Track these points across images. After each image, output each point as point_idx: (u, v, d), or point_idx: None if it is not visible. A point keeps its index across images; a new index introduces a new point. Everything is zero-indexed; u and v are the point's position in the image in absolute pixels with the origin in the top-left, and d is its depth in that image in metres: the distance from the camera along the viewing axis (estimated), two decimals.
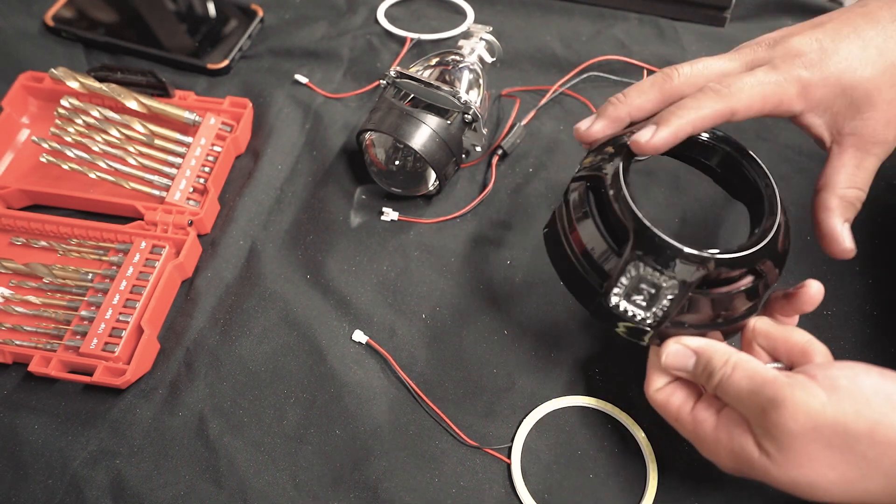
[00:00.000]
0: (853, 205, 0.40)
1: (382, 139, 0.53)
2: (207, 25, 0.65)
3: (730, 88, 0.38)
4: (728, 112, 0.38)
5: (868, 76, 0.38)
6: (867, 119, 0.39)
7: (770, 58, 0.39)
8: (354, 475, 0.42)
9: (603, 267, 0.37)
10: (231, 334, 0.47)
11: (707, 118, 0.38)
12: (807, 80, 0.38)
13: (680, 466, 0.42)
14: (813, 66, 0.38)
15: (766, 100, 0.38)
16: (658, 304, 0.36)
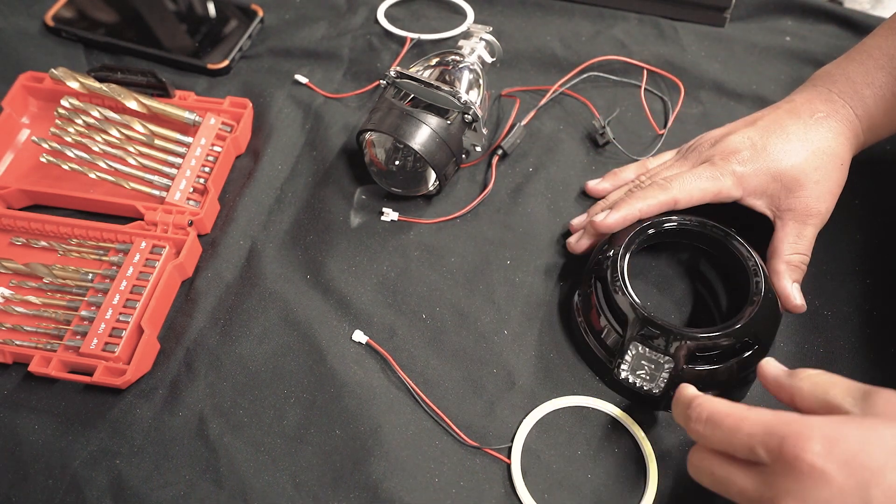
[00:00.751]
0: (798, 268, 0.46)
1: (382, 139, 0.53)
2: (207, 25, 0.65)
3: (671, 183, 0.46)
4: (671, 202, 0.46)
5: (793, 163, 0.45)
6: (799, 197, 0.46)
7: (711, 156, 0.47)
8: (354, 475, 0.42)
9: (611, 347, 0.44)
10: (231, 334, 0.47)
11: (653, 206, 0.46)
12: (741, 173, 0.46)
13: (680, 466, 0.42)
14: (746, 162, 0.46)
15: (705, 192, 0.46)
16: (659, 376, 0.42)
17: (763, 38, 0.65)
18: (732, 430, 0.33)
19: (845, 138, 0.47)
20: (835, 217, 0.52)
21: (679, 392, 0.38)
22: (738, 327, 0.41)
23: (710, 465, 0.34)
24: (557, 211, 0.53)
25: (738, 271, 0.46)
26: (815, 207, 0.46)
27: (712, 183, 0.46)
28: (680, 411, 0.37)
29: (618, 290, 0.43)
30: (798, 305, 0.45)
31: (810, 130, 0.46)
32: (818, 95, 0.48)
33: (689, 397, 0.36)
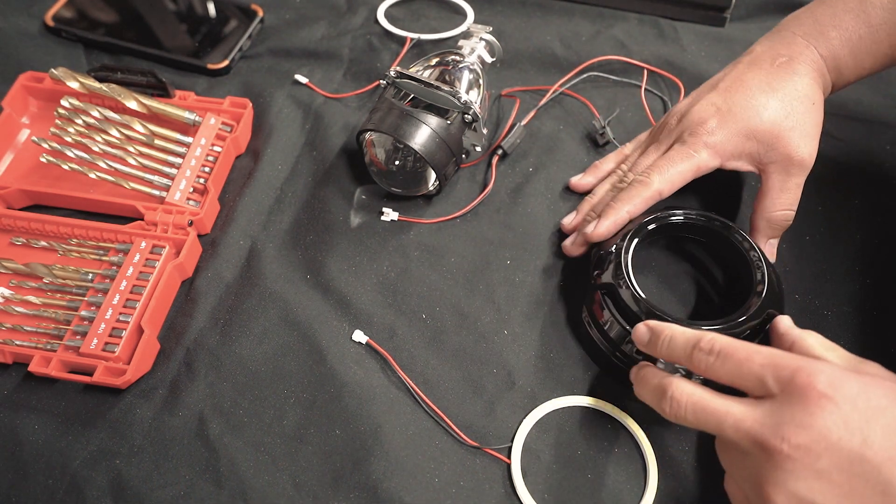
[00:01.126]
0: (779, 224, 0.47)
1: (382, 139, 0.53)
2: (207, 25, 0.65)
3: (650, 177, 0.47)
4: (655, 195, 0.46)
5: (763, 118, 0.45)
6: (777, 148, 0.45)
7: (680, 133, 0.48)
8: (354, 475, 0.42)
9: (638, 359, 0.43)
10: (231, 334, 0.47)
11: (639, 205, 0.47)
12: (713, 143, 0.46)
13: (680, 465, 0.42)
14: (715, 131, 0.46)
15: (684, 174, 0.46)
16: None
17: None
18: (744, 361, 0.34)
19: (811, 79, 0.46)
20: (835, 217, 0.53)
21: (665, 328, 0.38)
22: (742, 319, 0.42)
23: (701, 397, 0.35)
24: (557, 211, 0.53)
25: (740, 264, 0.46)
26: (796, 155, 0.45)
27: (689, 163, 0.46)
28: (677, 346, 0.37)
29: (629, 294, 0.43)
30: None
31: (773, 78, 0.46)
32: (781, 40, 0.48)
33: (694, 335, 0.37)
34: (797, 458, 0.31)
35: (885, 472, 0.30)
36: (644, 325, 0.40)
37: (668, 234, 0.48)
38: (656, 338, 0.39)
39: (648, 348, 0.39)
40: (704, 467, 0.42)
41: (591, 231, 0.47)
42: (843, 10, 0.47)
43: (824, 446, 0.30)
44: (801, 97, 0.45)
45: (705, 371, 0.36)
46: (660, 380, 0.37)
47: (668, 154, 0.47)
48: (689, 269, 0.50)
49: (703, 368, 0.36)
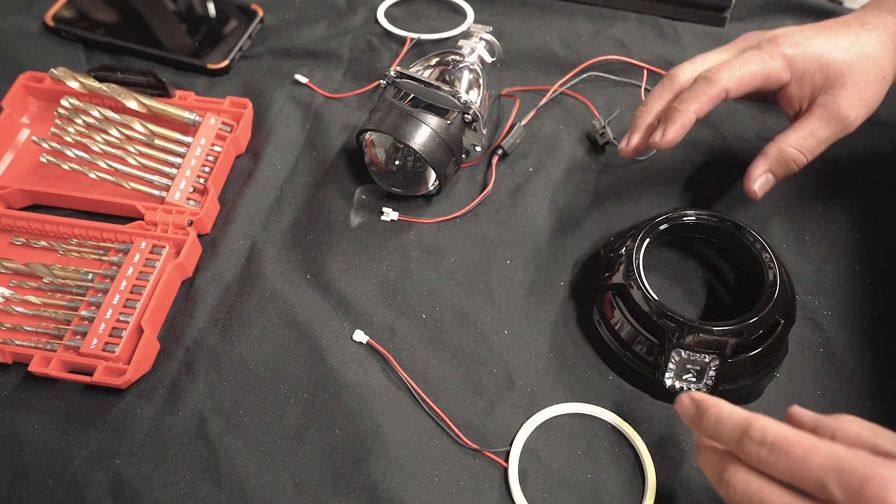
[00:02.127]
0: (787, 162, 0.45)
1: (382, 139, 0.53)
2: (207, 25, 0.65)
3: (719, 74, 0.44)
4: (722, 93, 0.44)
5: (842, 58, 0.44)
6: (836, 95, 0.44)
7: (758, 40, 0.46)
8: (354, 475, 0.42)
9: (650, 360, 0.44)
10: (231, 334, 0.47)
11: (704, 104, 0.44)
12: (791, 55, 0.44)
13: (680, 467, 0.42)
14: (796, 45, 0.44)
15: (755, 76, 0.44)
16: (706, 376, 0.42)
17: None
18: (801, 460, 0.29)
19: (890, 53, 0.45)
20: (835, 217, 0.52)
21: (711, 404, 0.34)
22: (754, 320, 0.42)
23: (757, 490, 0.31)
24: (557, 211, 0.53)
25: (751, 264, 0.46)
26: (844, 111, 0.44)
27: (761, 66, 0.44)
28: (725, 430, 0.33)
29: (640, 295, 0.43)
30: (751, 190, 0.45)
31: (860, 36, 0.45)
32: (868, 11, 0.47)
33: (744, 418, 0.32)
34: None
35: None
36: (688, 396, 0.35)
37: (680, 234, 0.48)
38: (701, 414, 0.34)
39: (694, 425, 0.35)
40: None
41: (659, 139, 0.45)
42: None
43: None
44: (877, 64, 0.44)
45: (757, 464, 0.31)
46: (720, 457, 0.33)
47: (742, 55, 0.45)
48: (701, 269, 0.50)
49: (753, 460, 0.31)
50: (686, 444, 0.43)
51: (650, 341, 0.43)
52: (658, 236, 0.47)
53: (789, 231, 0.52)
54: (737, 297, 0.49)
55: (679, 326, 0.42)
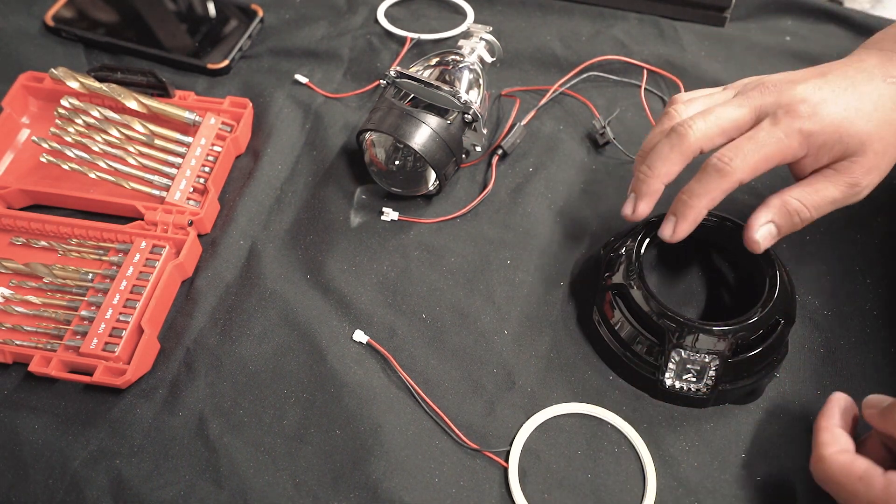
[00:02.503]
0: (791, 216, 0.41)
1: (382, 139, 0.53)
2: (207, 25, 0.65)
3: (732, 163, 0.40)
4: (734, 185, 0.41)
5: (863, 128, 0.40)
6: (853, 162, 0.41)
7: (776, 105, 0.41)
8: (354, 475, 0.42)
9: (650, 360, 0.44)
10: (231, 334, 0.47)
11: (717, 198, 0.41)
12: (808, 130, 0.40)
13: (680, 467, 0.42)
14: (814, 118, 0.40)
15: (770, 160, 0.40)
16: (706, 376, 0.42)
17: (763, 38, 0.65)
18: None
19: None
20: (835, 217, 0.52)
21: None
22: (754, 320, 0.42)
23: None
24: (557, 211, 0.53)
25: (751, 265, 0.46)
26: (858, 178, 0.41)
27: (777, 149, 0.40)
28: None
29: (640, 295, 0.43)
30: (753, 240, 0.42)
31: (883, 95, 0.41)
32: (889, 59, 0.43)
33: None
34: None
35: None
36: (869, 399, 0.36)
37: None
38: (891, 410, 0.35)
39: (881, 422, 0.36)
40: (704, 468, 0.42)
41: (669, 234, 0.43)
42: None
43: None
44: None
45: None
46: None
47: (755, 134, 0.41)
48: (701, 269, 0.50)
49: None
50: (686, 444, 0.43)
51: (650, 341, 0.43)
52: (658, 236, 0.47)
53: None
54: (737, 297, 0.49)
55: (679, 326, 0.42)
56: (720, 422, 0.44)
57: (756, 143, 0.40)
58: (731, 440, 0.43)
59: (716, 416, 0.44)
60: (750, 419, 0.44)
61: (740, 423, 0.44)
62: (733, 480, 0.42)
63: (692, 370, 0.42)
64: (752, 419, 0.44)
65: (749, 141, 0.41)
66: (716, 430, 0.43)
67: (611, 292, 0.45)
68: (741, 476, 0.42)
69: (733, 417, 0.44)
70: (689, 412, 0.44)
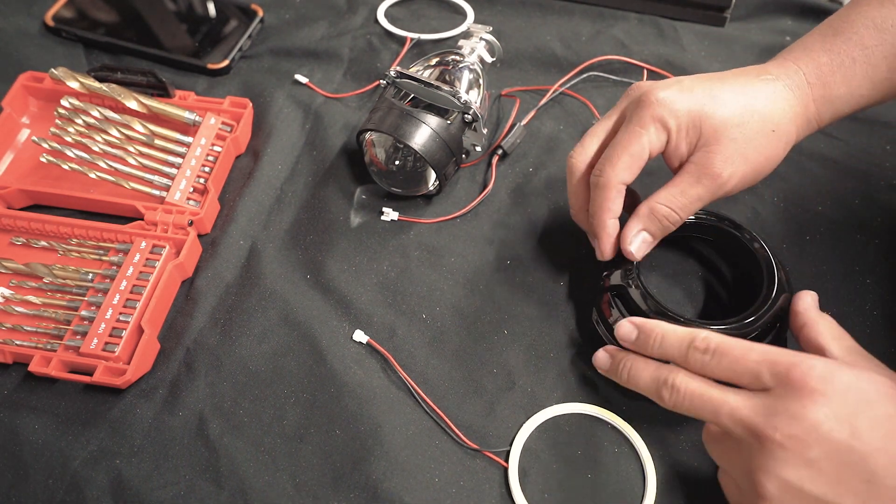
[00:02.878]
0: (660, 221, 0.43)
1: (382, 139, 0.53)
2: (207, 25, 0.65)
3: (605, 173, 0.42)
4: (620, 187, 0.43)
5: (719, 113, 0.41)
6: (709, 152, 0.41)
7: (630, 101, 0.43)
8: (354, 475, 0.42)
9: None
10: (231, 334, 0.47)
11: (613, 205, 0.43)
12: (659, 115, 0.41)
13: (680, 467, 0.42)
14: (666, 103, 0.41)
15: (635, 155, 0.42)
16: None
17: (763, 38, 0.65)
18: (739, 359, 0.35)
19: (788, 105, 0.42)
20: (835, 217, 0.52)
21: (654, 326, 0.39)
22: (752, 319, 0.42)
23: (699, 387, 0.36)
24: (557, 211, 0.53)
25: (749, 263, 0.46)
26: (717, 168, 0.41)
27: (637, 143, 0.42)
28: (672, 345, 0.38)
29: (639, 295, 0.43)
30: (628, 252, 0.44)
31: (749, 87, 0.42)
32: (773, 61, 0.45)
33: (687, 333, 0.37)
34: (789, 447, 0.32)
35: (870, 462, 0.31)
36: (629, 321, 0.40)
37: (677, 234, 0.48)
38: (646, 336, 0.39)
39: (637, 346, 0.40)
40: (704, 468, 0.42)
41: (600, 257, 0.45)
42: (832, 34, 0.44)
43: (815, 437, 0.32)
44: (764, 117, 0.42)
45: (701, 369, 0.36)
46: (655, 369, 0.38)
47: (618, 137, 0.43)
48: (698, 269, 0.51)
49: (698, 367, 0.37)
50: (686, 444, 0.43)
51: None
52: None
53: (789, 231, 0.52)
54: (735, 296, 0.49)
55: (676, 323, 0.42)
56: None
57: (617, 145, 0.42)
58: None
59: None
60: None
61: None
62: None
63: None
64: None
65: (613, 146, 0.43)
66: None
67: (609, 293, 0.45)
68: None
69: None
70: None
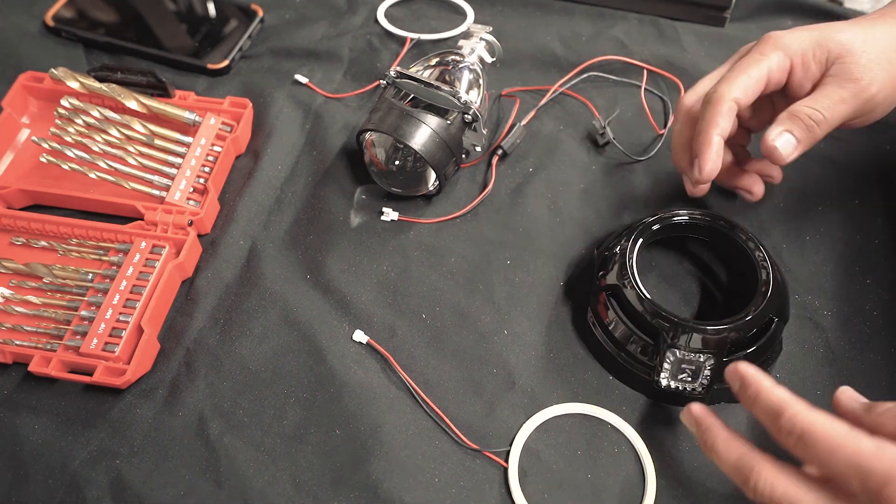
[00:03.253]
0: (803, 120, 0.42)
1: (382, 139, 0.53)
2: (207, 25, 0.65)
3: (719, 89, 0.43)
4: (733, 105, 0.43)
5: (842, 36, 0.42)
6: (843, 63, 0.42)
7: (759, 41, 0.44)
8: (354, 475, 0.42)
9: (644, 360, 0.44)
10: (231, 334, 0.47)
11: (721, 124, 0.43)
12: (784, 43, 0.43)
13: (680, 467, 0.42)
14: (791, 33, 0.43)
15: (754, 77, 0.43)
16: (701, 375, 0.42)
17: None
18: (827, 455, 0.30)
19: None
20: (835, 217, 0.53)
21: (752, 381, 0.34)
22: (748, 319, 0.42)
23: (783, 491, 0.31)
24: (557, 211, 0.53)
25: (744, 263, 0.46)
26: (856, 73, 0.41)
27: (757, 64, 0.43)
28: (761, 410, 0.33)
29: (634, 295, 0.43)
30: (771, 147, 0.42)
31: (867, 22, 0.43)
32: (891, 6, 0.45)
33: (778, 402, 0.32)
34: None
35: None
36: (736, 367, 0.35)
37: (673, 233, 0.48)
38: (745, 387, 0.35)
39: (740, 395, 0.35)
40: (704, 468, 0.42)
41: (697, 175, 0.44)
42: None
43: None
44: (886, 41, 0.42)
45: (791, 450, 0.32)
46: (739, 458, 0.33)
47: (739, 62, 0.44)
48: (694, 269, 0.51)
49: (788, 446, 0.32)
50: (686, 444, 0.43)
51: (644, 341, 0.43)
52: (651, 236, 0.47)
53: (789, 231, 0.52)
54: (731, 295, 0.49)
55: (673, 326, 0.42)
56: None
57: (737, 68, 0.43)
58: None
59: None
60: (750, 420, 0.44)
61: (740, 424, 0.44)
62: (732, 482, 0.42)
63: (687, 370, 0.42)
64: (753, 420, 0.44)
65: (733, 68, 0.44)
66: None
67: (605, 293, 0.45)
68: None
69: (734, 418, 0.44)
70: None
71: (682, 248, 0.51)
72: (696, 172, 0.44)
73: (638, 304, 0.43)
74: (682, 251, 0.51)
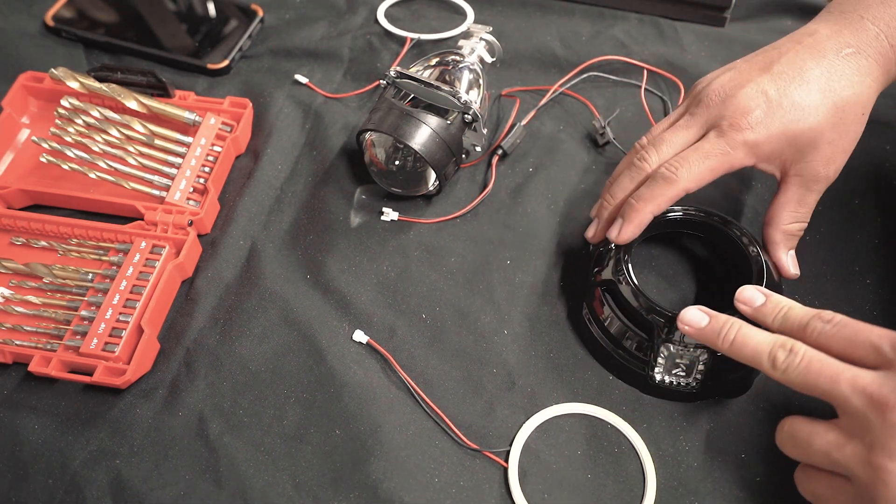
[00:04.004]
0: (795, 236, 0.45)
1: (382, 139, 0.53)
2: (207, 25, 0.65)
3: (678, 172, 0.42)
4: (681, 193, 0.43)
5: (812, 124, 0.41)
6: (810, 161, 0.42)
7: (719, 118, 0.43)
8: (354, 475, 0.42)
9: (639, 355, 0.44)
10: (231, 334, 0.47)
11: (663, 204, 0.43)
12: (753, 141, 0.42)
13: (680, 467, 0.42)
14: (758, 125, 0.41)
15: (715, 171, 0.42)
16: (695, 370, 0.42)
17: (763, 38, 0.64)
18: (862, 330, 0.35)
19: (872, 79, 0.42)
20: (835, 217, 0.52)
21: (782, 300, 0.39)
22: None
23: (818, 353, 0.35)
24: (557, 211, 0.53)
25: (738, 258, 0.46)
26: (823, 172, 0.43)
27: (721, 160, 0.42)
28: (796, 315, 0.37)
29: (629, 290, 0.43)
30: (792, 274, 0.46)
31: (834, 75, 0.41)
32: (847, 25, 0.42)
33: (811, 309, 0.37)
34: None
35: None
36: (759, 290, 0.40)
37: (668, 229, 0.48)
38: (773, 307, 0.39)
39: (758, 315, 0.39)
40: (704, 468, 0.42)
41: (615, 236, 0.45)
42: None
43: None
44: (854, 105, 0.41)
45: (817, 338, 0.36)
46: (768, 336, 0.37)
47: (701, 146, 0.43)
48: (689, 264, 0.51)
49: (816, 335, 0.36)
50: (686, 444, 0.43)
51: (639, 337, 0.43)
52: (646, 231, 0.47)
53: None
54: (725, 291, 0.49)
55: (668, 321, 0.42)
56: (720, 422, 0.44)
57: (701, 154, 0.42)
58: (731, 441, 0.43)
59: (716, 416, 0.44)
60: (751, 420, 0.44)
61: (741, 424, 0.44)
62: (733, 480, 0.42)
63: (681, 364, 0.42)
64: (753, 420, 0.44)
65: (695, 152, 0.43)
66: (715, 431, 0.43)
67: (600, 288, 0.45)
68: (741, 476, 0.42)
69: (734, 418, 0.44)
70: (689, 412, 0.44)
71: (678, 244, 0.51)
72: (615, 233, 0.45)
73: (633, 299, 0.43)
74: (678, 247, 0.51)
